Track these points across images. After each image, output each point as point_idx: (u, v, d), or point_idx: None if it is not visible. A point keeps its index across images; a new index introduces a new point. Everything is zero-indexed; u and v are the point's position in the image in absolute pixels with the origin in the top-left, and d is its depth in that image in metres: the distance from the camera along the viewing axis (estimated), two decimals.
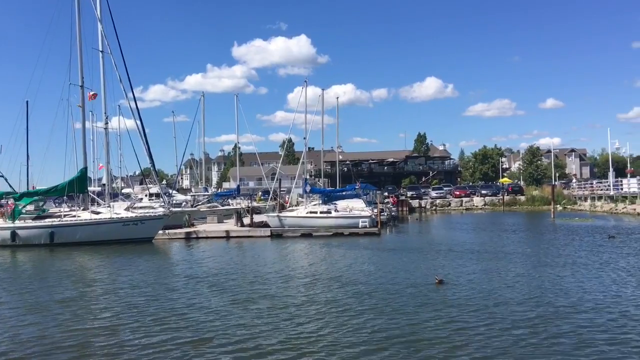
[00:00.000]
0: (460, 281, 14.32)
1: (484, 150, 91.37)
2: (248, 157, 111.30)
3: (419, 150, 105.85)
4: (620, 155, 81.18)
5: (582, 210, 53.68)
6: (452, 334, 9.46)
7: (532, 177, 76.40)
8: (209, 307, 12.12)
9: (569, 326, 9.79)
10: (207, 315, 11.34)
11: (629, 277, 14.64)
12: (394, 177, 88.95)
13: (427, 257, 19.58)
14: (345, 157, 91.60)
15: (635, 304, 11.41)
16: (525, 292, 12.81)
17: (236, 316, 11.17)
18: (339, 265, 18.47)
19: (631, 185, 50.01)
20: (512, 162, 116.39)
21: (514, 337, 9.23)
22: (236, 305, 12.24)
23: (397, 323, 10.25)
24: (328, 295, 13.21)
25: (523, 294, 12.57)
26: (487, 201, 63.93)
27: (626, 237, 25.43)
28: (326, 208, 33.96)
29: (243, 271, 17.40)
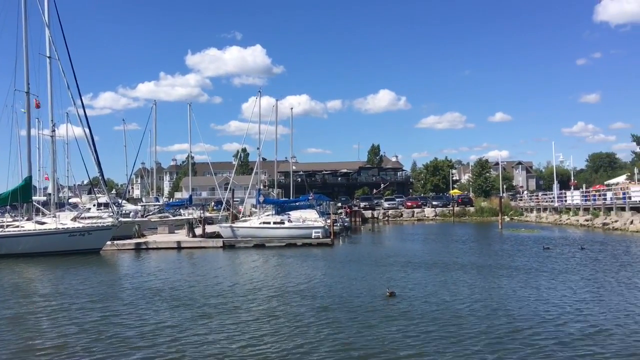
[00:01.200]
0: (411, 293, 14.38)
1: (435, 162, 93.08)
2: (201, 166, 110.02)
3: (372, 161, 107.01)
4: (564, 168, 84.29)
5: (528, 221, 55.37)
6: (403, 347, 9.50)
7: (481, 189, 78.27)
8: (159, 322, 11.79)
9: (518, 335, 10.07)
10: (157, 331, 11.01)
11: (563, 287, 15.17)
12: (348, 188, 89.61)
13: (380, 269, 19.69)
14: (299, 168, 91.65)
15: (579, 314, 11.83)
16: (475, 303, 13.07)
17: (189, 331, 10.88)
18: (292, 276, 18.38)
19: (574, 198, 51.95)
20: (462, 174, 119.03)
21: (466, 348, 9.33)
22: (188, 319, 11.96)
23: (349, 337, 10.19)
24: (281, 308, 13.05)
25: (472, 305, 12.81)
26: (438, 212, 65.07)
27: (560, 248, 26.25)
28: (279, 218, 33.90)
29: (194, 283, 17.12)
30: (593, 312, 11.84)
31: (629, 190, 42.39)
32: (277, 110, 46.17)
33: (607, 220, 40.50)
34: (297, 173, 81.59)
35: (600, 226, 40.15)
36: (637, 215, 37.19)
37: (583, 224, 43.24)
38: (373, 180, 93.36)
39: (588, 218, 43.95)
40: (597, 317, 11.39)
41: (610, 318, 11.26)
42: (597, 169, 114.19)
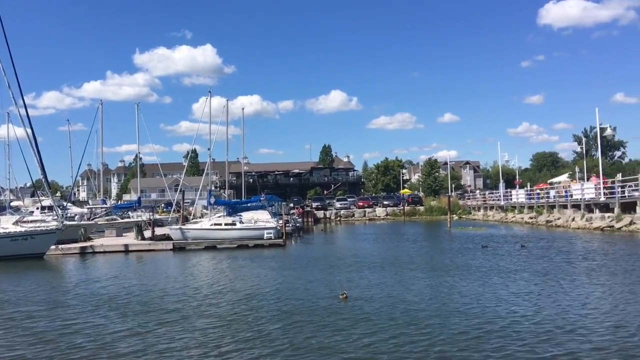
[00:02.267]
0: (366, 295, 14.18)
1: (386, 162, 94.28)
2: (150, 168, 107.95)
3: (324, 161, 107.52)
4: (509, 168, 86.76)
5: (476, 219, 56.81)
6: (358, 350, 9.38)
7: (430, 188, 79.79)
8: (104, 331, 11.32)
9: (475, 331, 10.28)
10: (102, 339, 10.64)
11: (498, 282, 15.65)
12: (300, 188, 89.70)
13: (333, 270, 19.61)
14: (251, 169, 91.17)
15: (521, 307, 12.22)
16: (427, 302, 13.20)
17: (147, 340, 10.45)
18: (246, 279, 18.09)
19: (519, 196, 53.65)
20: (413, 173, 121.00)
21: (423, 348, 9.36)
22: (143, 327, 11.53)
23: (305, 341, 9.96)
24: (236, 312, 12.69)
25: (426, 304, 12.84)
26: (389, 211, 65.99)
27: (497, 245, 27.11)
28: (231, 220, 33.55)
29: (145, 288, 16.72)
30: (544, 310, 12.23)
31: (570, 188, 44.09)
32: (228, 111, 45.84)
33: (550, 217, 42.00)
34: (249, 174, 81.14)
35: (543, 223, 41.59)
36: (579, 212, 38.70)
37: (528, 222, 44.70)
38: (325, 180, 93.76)
39: (532, 216, 45.48)
40: (543, 314, 11.76)
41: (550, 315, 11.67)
42: (541, 168, 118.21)
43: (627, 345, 9.14)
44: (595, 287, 14.58)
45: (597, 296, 13.43)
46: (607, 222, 33.96)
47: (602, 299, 13.05)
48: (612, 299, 12.97)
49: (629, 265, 18.11)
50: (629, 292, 13.67)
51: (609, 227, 33.27)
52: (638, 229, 30.73)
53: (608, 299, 13.02)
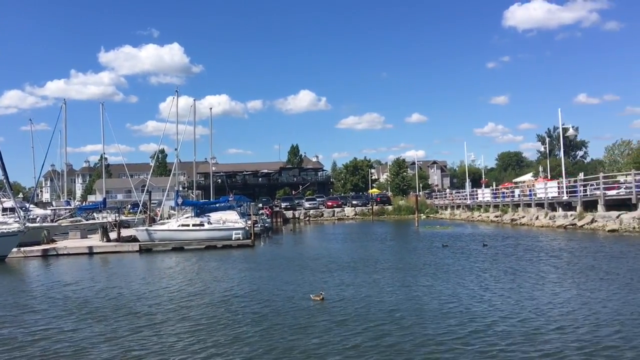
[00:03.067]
0: (342, 296, 14.01)
1: (354, 162, 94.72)
2: (116, 168, 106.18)
3: (293, 161, 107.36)
4: (476, 167, 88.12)
5: (443, 218, 57.53)
6: (344, 352, 9.25)
7: (398, 188, 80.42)
8: (72, 336, 11.04)
9: (444, 329, 10.41)
10: (71, 344, 10.39)
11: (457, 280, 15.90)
12: (269, 189, 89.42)
13: (304, 270, 19.51)
14: (220, 169, 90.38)
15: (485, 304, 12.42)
16: (402, 302, 13.19)
17: (106, 345, 10.30)
18: (214, 281, 17.85)
19: (485, 195, 54.56)
20: (381, 173, 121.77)
21: (402, 350, 9.36)
22: (105, 332, 11.31)
23: (281, 344, 9.81)
24: (207, 315, 12.45)
25: (401, 305, 12.76)
26: (358, 211, 66.33)
27: (464, 243, 27.40)
28: (199, 220, 33.27)
29: (109, 291, 16.43)
30: (500, 309, 12.45)
31: (534, 187, 45.03)
32: (196, 110, 45.29)
33: (514, 216, 42.82)
34: (217, 174, 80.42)
35: (509, 222, 42.37)
36: (542, 211, 39.56)
37: (493, 220, 45.48)
38: (294, 180, 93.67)
39: (498, 214, 46.28)
40: (503, 310, 11.97)
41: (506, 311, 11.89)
42: (506, 167, 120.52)
43: (582, 340, 9.38)
44: (551, 285, 14.87)
45: (549, 294, 13.72)
46: (570, 220, 34.79)
47: (553, 296, 13.30)
48: (567, 298, 13.27)
49: (587, 263, 18.58)
50: (588, 289, 14.01)
51: (571, 225, 34.08)
52: (599, 226, 31.55)
53: (559, 297, 13.31)
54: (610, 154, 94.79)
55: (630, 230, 29.16)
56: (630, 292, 13.19)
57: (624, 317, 10.82)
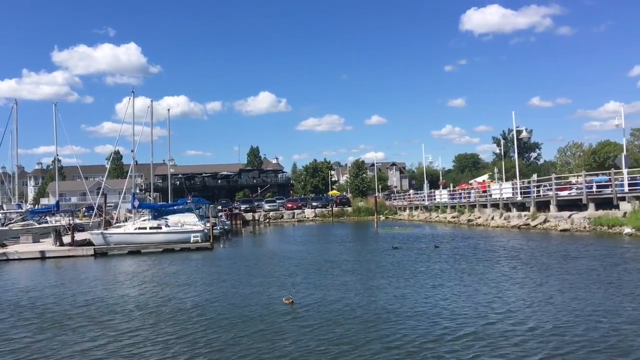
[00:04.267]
0: (310, 299, 13.74)
1: (314, 164, 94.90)
2: (70, 170, 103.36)
3: (253, 163, 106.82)
4: (433, 169, 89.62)
5: (401, 219, 58.19)
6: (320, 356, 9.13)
7: (358, 190, 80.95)
8: (22, 344, 10.74)
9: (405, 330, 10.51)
10: (22, 357, 10.04)
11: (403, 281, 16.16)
12: (228, 191, 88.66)
13: (265, 273, 19.33)
14: (178, 171, 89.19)
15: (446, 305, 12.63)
16: (369, 304, 13.15)
17: (59, 353, 9.99)
18: (174, 285, 17.39)
19: (442, 196, 55.49)
20: (341, 175, 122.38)
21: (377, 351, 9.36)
22: (57, 338, 10.96)
23: (254, 351, 9.50)
24: (169, 322, 12.05)
25: (368, 307, 12.66)
26: (318, 213, 66.47)
27: (415, 245, 27.56)
28: (156, 223, 32.75)
29: (61, 296, 15.99)
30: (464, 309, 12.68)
31: (489, 188, 46.05)
32: (153, 111, 44.57)
33: (471, 217, 43.68)
34: (176, 176, 79.32)
35: (465, 222, 43.19)
36: (497, 211, 40.48)
37: (450, 221, 46.28)
38: (254, 182, 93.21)
39: (455, 215, 47.12)
40: (465, 314, 12.19)
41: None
42: (463, 169, 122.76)
43: (526, 337, 9.64)
44: (502, 284, 15.26)
45: (501, 293, 14.07)
46: (524, 220, 35.72)
47: (492, 295, 13.66)
48: (509, 298, 13.62)
49: (542, 262, 19.11)
50: (533, 289, 14.41)
51: (525, 225, 34.99)
52: (552, 226, 32.49)
53: (501, 294, 13.66)
54: (562, 155, 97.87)
55: (581, 230, 30.13)
56: (589, 292, 13.61)
57: (583, 319, 11.15)
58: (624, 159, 32.23)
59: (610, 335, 9.50)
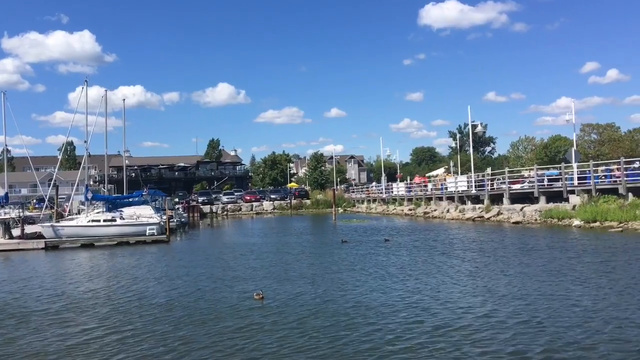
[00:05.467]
0: (280, 293, 13.41)
1: (273, 156, 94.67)
2: (20, 161, 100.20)
3: (211, 155, 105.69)
4: (391, 162, 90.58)
5: (359, 212, 58.66)
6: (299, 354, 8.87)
7: (316, 182, 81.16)
8: None
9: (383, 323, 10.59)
10: None
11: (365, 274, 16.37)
12: (186, 183, 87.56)
13: (224, 266, 19.11)
14: (134, 162, 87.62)
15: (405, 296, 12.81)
16: (340, 298, 13.08)
17: (6, 348, 9.66)
18: (129, 279, 16.93)
19: (399, 189, 56.17)
20: (300, 167, 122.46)
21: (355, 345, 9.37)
22: (5, 335, 10.63)
23: (231, 349, 9.05)
24: (125, 318, 11.60)
25: (339, 302, 12.44)
26: (276, 205, 66.40)
27: (356, 239, 27.17)
28: (110, 216, 32.06)
29: (8, 291, 15.52)
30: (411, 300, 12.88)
31: (445, 181, 46.87)
32: (108, 101, 43.41)
33: (427, 209, 44.37)
34: (131, 167, 78.00)
35: (421, 215, 43.86)
36: (453, 204, 41.25)
37: (407, 213, 46.90)
38: (212, 174, 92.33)
39: (411, 208, 47.78)
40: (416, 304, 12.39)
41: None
42: (420, 162, 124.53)
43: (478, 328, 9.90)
44: (441, 278, 15.59)
45: (437, 286, 14.39)
46: (478, 213, 36.52)
47: (438, 288, 13.98)
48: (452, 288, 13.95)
49: (497, 254, 19.61)
50: (483, 280, 14.78)
51: (479, 217, 35.79)
52: (505, 219, 33.33)
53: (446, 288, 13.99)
54: (515, 149, 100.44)
55: (532, 222, 31.01)
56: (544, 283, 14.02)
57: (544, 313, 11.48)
58: (573, 154, 33.27)
59: (549, 317, 9.84)
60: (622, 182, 28.19)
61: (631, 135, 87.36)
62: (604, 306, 10.84)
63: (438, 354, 8.45)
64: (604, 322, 9.72)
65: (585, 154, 70.23)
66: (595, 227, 26.13)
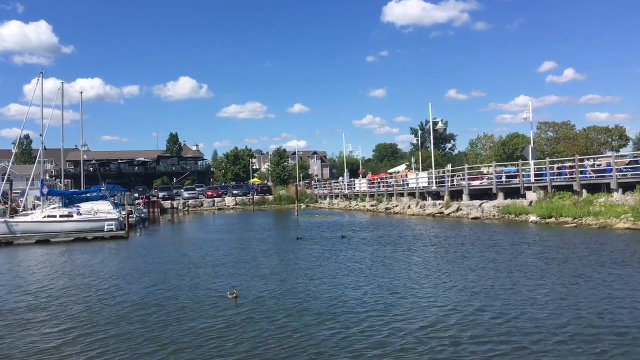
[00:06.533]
0: (252, 292, 13.02)
1: (235, 151, 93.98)
2: None
3: (172, 150, 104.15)
4: (354, 158, 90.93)
5: (322, 207, 58.85)
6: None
7: (279, 178, 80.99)
8: None
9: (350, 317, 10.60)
10: None
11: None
12: (146, 178, 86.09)
13: (191, 263, 18.70)
14: (92, 156, 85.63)
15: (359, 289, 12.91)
16: (315, 297, 13.17)
17: None
18: (87, 277, 16.44)
19: (362, 185, 56.55)
20: (262, 163, 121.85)
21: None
22: None
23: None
24: (86, 318, 11.15)
25: (315, 301, 12.42)
26: (239, 201, 66.04)
27: (310, 236, 26.67)
28: (67, 211, 31.27)
29: None
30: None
31: (407, 178, 47.42)
32: (65, 94, 42.29)
33: (389, 205, 44.80)
34: (89, 162, 76.31)
35: (383, 211, 44.26)
36: (414, 200, 41.77)
37: (369, 209, 47.27)
38: (173, 169, 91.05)
39: (373, 204, 48.17)
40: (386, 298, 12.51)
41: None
42: (382, 158, 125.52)
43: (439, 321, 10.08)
44: (392, 273, 15.82)
45: (382, 282, 14.61)
46: (438, 209, 37.09)
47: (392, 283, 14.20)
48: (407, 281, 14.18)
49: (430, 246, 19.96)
50: (435, 274, 15.05)
51: (439, 213, 36.35)
52: (464, 214, 33.93)
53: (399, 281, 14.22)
54: (474, 147, 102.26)
55: (490, 218, 31.67)
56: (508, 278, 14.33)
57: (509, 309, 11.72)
58: (530, 151, 34.11)
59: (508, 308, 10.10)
60: (577, 179, 29.08)
61: (586, 134, 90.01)
62: (558, 297, 11.19)
63: (408, 346, 8.57)
64: (560, 309, 10.03)
65: (542, 151, 72.11)
66: (550, 222, 26.87)
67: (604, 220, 24.31)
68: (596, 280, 12.85)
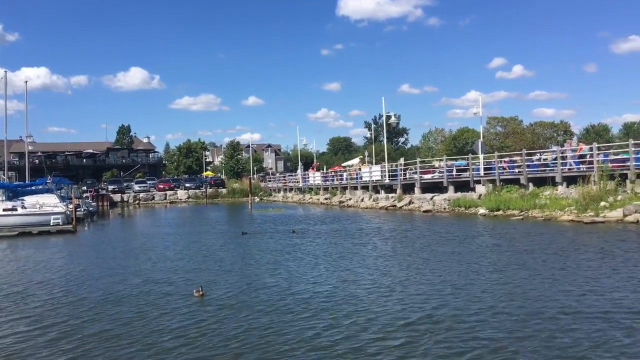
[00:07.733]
0: (217, 289, 12.46)
1: (188, 144, 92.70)
2: None
3: (122, 142, 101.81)
4: (308, 151, 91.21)
5: (276, 201, 58.79)
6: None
7: (233, 171, 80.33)
8: None
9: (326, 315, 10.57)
10: None
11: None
12: (94, 170, 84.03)
13: (135, 257, 18.40)
14: (37, 148, 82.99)
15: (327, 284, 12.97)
16: (284, 288, 13.23)
17: None
18: (32, 273, 15.83)
19: (316, 178, 56.73)
20: (216, 156, 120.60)
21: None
22: None
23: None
24: (39, 316, 10.74)
25: (283, 296, 12.64)
26: (191, 194, 65.24)
27: (257, 231, 26.04)
28: (10, 205, 30.15)
29: None
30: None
31: (360, 171, 47.85)
32: (8, 83, 40.74)
33: (342, 198, 45.14)
34: (35, 154, 74.13)
35: (337, 204, 44.56)
36: (367, 193, 42.21)
37: (323, 202, 47.50)
38: (123, 162, 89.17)
39: (327, 197, 48.43)
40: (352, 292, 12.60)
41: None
42: (337, 151, 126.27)
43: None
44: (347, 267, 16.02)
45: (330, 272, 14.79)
46: (391, 202, 37.61)
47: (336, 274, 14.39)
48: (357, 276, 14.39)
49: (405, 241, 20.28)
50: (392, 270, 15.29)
51: (392, 206, 36.86)
52: (416, 207, 34.50)
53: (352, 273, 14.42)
54: (426, 141, 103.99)
55: (441, 211, 32.32)
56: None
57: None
58: (480, 145, 35.01)
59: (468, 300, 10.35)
60: (524, 172, 30.00)
61: (532, 129, 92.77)
62: (513, 287, 11.56)
63: (362, 336, 8.65)
64: (512, 297, 10.36)
65: (491, 145, 73.93)
66: (498, 215, 27.63)
67: (549, 213, 25.18)
68: (539, 270, 13.32)
